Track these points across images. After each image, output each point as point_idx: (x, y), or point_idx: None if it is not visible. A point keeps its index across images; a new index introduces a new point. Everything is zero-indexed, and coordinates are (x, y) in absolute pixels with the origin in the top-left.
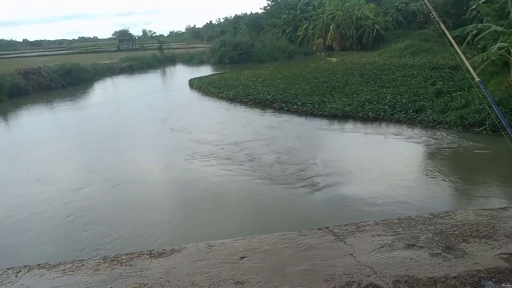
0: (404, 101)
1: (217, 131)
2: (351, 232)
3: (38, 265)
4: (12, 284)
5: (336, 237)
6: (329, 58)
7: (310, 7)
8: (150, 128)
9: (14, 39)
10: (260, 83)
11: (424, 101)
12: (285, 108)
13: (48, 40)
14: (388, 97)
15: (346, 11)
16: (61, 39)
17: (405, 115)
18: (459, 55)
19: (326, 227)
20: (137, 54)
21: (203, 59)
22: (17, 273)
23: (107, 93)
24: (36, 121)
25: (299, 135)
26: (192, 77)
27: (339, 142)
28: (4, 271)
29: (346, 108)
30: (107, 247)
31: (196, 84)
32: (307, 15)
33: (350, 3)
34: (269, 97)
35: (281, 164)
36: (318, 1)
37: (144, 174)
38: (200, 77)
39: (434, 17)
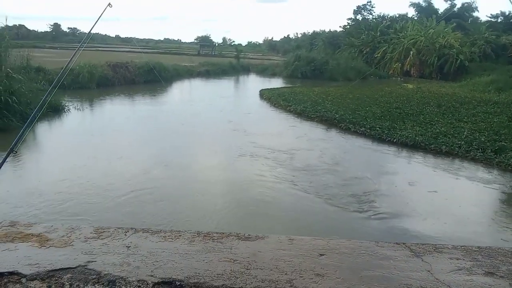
0: (482, 139)
1: (279, 141)
2: (428, 251)
3: (143, 229)
4: (123, 240)
5: (413, 253)
6: (405, 84)
7: (391, 30)
8: (216, 127)
9: (108, 34)
10: (330, 101)
11: (505, 142)
12: (352, 129)
13: (137, 38)
14: (465, 133)
15: (429, 38)
16: (148, 38)
17: (482, 154)
18: None
19: (403, 243)
20: (215, 60)
21: (276, 71)
22: (126, 232)
23: (184, 92)
24: (117, 110)
25: (364, 159)
26: (263, 88)
27: (405, 172)
28: (115, 229)
29: (417, 138)
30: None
31: (266, 95)
32: (387, 38)
33: (435, 29)
34: (337, 116)
35: (341, 186)
36: (401, 25)
37: (199, 168)
38: (271, 88)
39: None
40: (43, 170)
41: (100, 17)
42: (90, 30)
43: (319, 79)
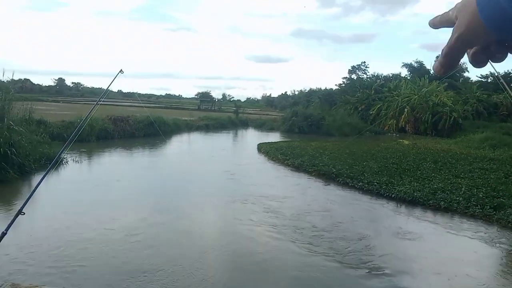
0: (480, 195)
1: (276, 194)
2: None
3: None
4: None
5: None
6: (400, 140)
7: (386, 89)
8: (214, 175)
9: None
10: (327, 155)
11: (503, 199)
12: (350, 184)
13: (139, 93)
14: (463, 189)
15: (422, 96)
16: (150, 94)
17: (481, 210)
18: None
19: None
20: (215, 114)
21: (273, 126)
22: None
23: (182, 145)
24: (116, 162)
25: (363, 215)
26: (261, 142)
27: (404, 228)
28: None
29: (415, 194)
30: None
31: (264, 149)
32: (382, 96)
33: (428, 88)
34: (334, 170)
35: (339, 241)
36: (394, 84)
37: (195, 214)
38: (268, 142)
39: None
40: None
41: (113, 81)
42: (107, 88)
43: (316, 134)
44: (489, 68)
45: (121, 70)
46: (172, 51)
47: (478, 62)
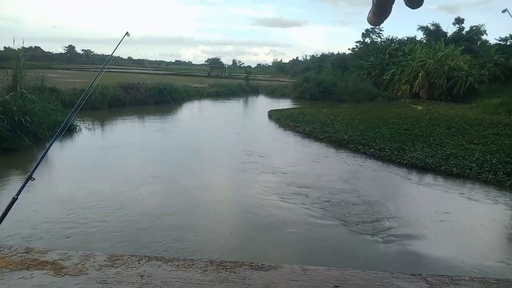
0: (494, 161)
1: (287, 162)
2: (445, 283)
3: (156, 257)
4: (137, 268)
5: (429, 286)
6: (414, 106)
7: (400, 53)
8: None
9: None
10: (338, 122)
11: None
12: (362, 150)
13: (149, 60)
14: (476, 154)
15: (438, 60)
16: (160, 60)
17: (494, 176)
18: None
19: (419, 274)
20: (225, 81)
21: (284, 93)
22: (139, 260)
23: (193, 113)
24: (128, 130)
25: (375, 180)
26: (272, 109)
27: (414, 194)
28: (128, 257)
29: (427, 160)
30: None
31: (275, 116)
32: (396, 60)
33: (444, 52)
34: (345, 137)
35: (348, 207)
36: (409, 48)
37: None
38: (279, 109)
39: None
40: (52, 191)
41: (118, 44)
42: (112, 53)
43: (327, 100)
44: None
45: (127, 33)
46: (182, 17)
47: (412, 2)
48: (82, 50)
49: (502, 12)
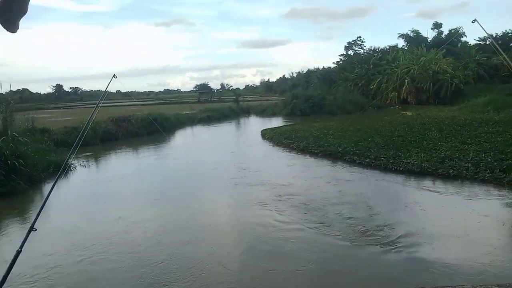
0: (489, 159)
1: (285, 179)
2: None
3: None
4: None
5: None
6: (403, 112)
7: (384, 62)
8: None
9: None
10: (331, 135)
11: None
12: (357, 161)
13: (137, 92)
14: (470, 155)
15: (422, 65)
16: (148, 91)
17: (490, 174)
18: None
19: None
20: (215, 105)
21: (275, 111)
22: None
23: (186, 139)
24: (122, 164)
25: (373, 189)
26: (264, 128)
27: (416, 200)
28: None
29: (423, 164)
30: None
31: (268, 135)
32: (381, 69)
33: (426, 57)
34: (340, 149)
35: (352, 219)
36: (392, 56)
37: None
38: (272, 128)
39: None
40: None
41: (108, 86)
42: (104, 93)
43: (318, 114)
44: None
45: (114, 75)
46: (167, 46)
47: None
48: (70, 88)
49: (472, 22)
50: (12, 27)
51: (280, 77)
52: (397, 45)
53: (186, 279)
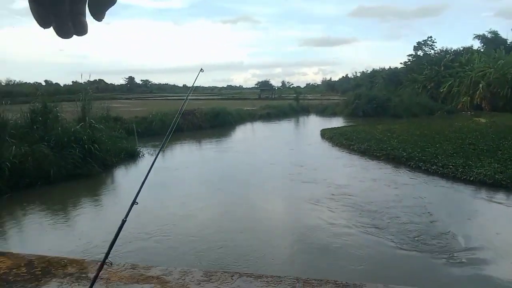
0: None
1: (345, 181)
2: None
3: (246, 273)
4: (231, 284)
5: None
6: (476, 118)
7: (457, 64)
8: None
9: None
10: (395, 138)
11: None
12: (423, 168)
13: (202, 86)
14: None
15: (499, 69)
16: (213, 86)
17: None
18: None
19: None
20: (275, 102)
21: (336, 111)
22: (232, 276)
23: (246, 134)
24: (186, 153)
25: (437, 199)
26: (324, 127)
27: (486, 213)
28: (222, 273)
29: (497, 176)
30: None
31: (328, 134)
32: (452, 72)
33: (505, 61)
34: (404, 154)
35: (409, 224)
36: (466, 58)
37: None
38: (332, 127)
39: None
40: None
41: (196, 78)
42: (192, 86)
43: (381, 116)
44: None
45: (201, 69)
46: (232, 43)
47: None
48: (141, 80)
49: None
50: (99, 16)
51: (343, 76)
52: (472, 46)
53: (241, 265)
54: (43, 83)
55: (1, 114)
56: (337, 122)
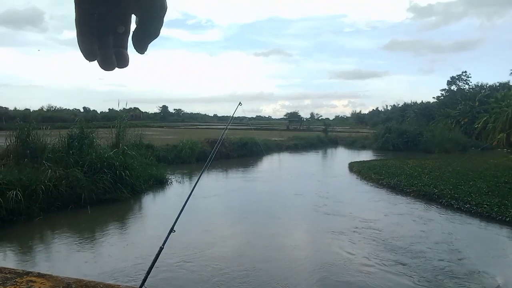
0: None
1: (374, 218)
2: None
3: None
4: None
5: None
6: None
7: (492, 99)
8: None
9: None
10: (427, 174)
11: None
12: (455, 206)
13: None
14: None
15: None
16: (242, 116)
17: None
18: None
19: None
20: (303, 134)
21: (365, 144)
22: None
23: (273, 164)
24: (214, 182)
25: (465, 236)
26: (352, 160)
27: None
28: None
29: None
30: None
31: (356, 167)
32: (488, 107)
33: None
34: (436, 190)
35: (435, 261)
36: (502, 94)
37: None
38: (360, 161)
39: None
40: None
41: (234, 112)
42: (231, 118)
43: (412, 151)
44: None
45: (240, 103)
46: (263, 75)
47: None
48: (174, 109)
49: None
50: (142, 49)
51: (373, 109)
52: (508, 82)
53: None
54: (82, 110)
55: (40, 139)
56: (366, 155)
